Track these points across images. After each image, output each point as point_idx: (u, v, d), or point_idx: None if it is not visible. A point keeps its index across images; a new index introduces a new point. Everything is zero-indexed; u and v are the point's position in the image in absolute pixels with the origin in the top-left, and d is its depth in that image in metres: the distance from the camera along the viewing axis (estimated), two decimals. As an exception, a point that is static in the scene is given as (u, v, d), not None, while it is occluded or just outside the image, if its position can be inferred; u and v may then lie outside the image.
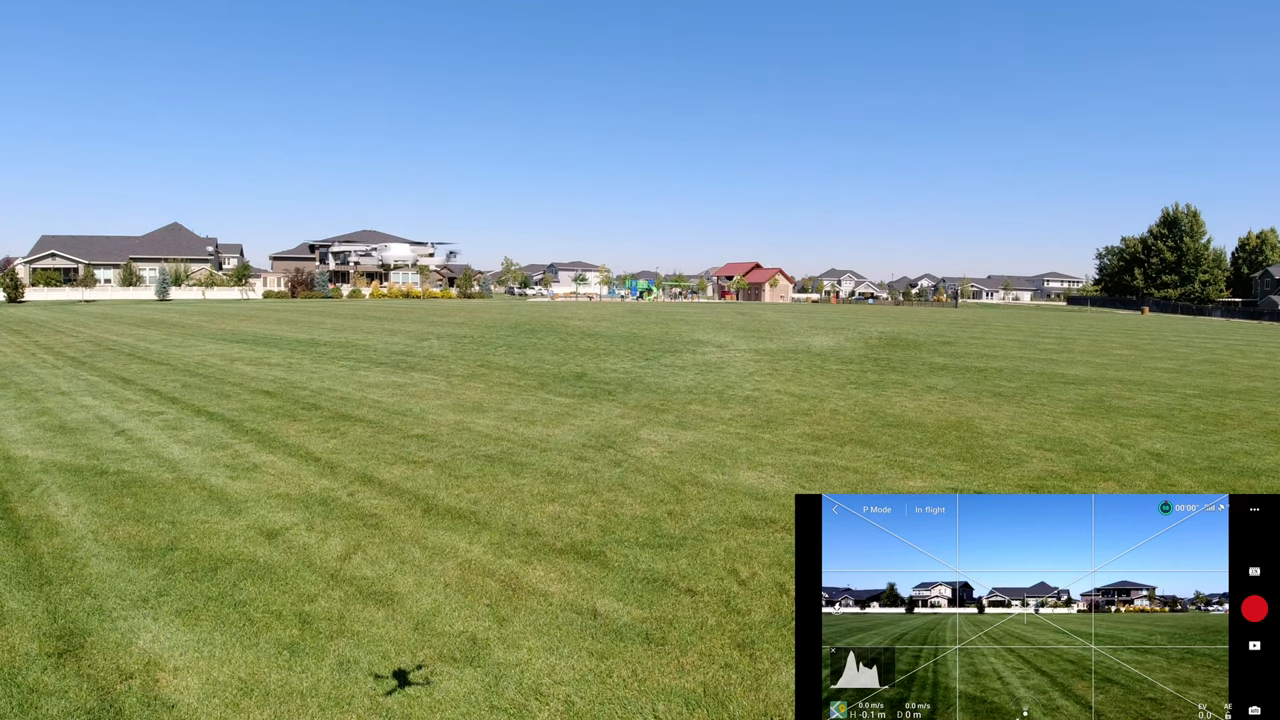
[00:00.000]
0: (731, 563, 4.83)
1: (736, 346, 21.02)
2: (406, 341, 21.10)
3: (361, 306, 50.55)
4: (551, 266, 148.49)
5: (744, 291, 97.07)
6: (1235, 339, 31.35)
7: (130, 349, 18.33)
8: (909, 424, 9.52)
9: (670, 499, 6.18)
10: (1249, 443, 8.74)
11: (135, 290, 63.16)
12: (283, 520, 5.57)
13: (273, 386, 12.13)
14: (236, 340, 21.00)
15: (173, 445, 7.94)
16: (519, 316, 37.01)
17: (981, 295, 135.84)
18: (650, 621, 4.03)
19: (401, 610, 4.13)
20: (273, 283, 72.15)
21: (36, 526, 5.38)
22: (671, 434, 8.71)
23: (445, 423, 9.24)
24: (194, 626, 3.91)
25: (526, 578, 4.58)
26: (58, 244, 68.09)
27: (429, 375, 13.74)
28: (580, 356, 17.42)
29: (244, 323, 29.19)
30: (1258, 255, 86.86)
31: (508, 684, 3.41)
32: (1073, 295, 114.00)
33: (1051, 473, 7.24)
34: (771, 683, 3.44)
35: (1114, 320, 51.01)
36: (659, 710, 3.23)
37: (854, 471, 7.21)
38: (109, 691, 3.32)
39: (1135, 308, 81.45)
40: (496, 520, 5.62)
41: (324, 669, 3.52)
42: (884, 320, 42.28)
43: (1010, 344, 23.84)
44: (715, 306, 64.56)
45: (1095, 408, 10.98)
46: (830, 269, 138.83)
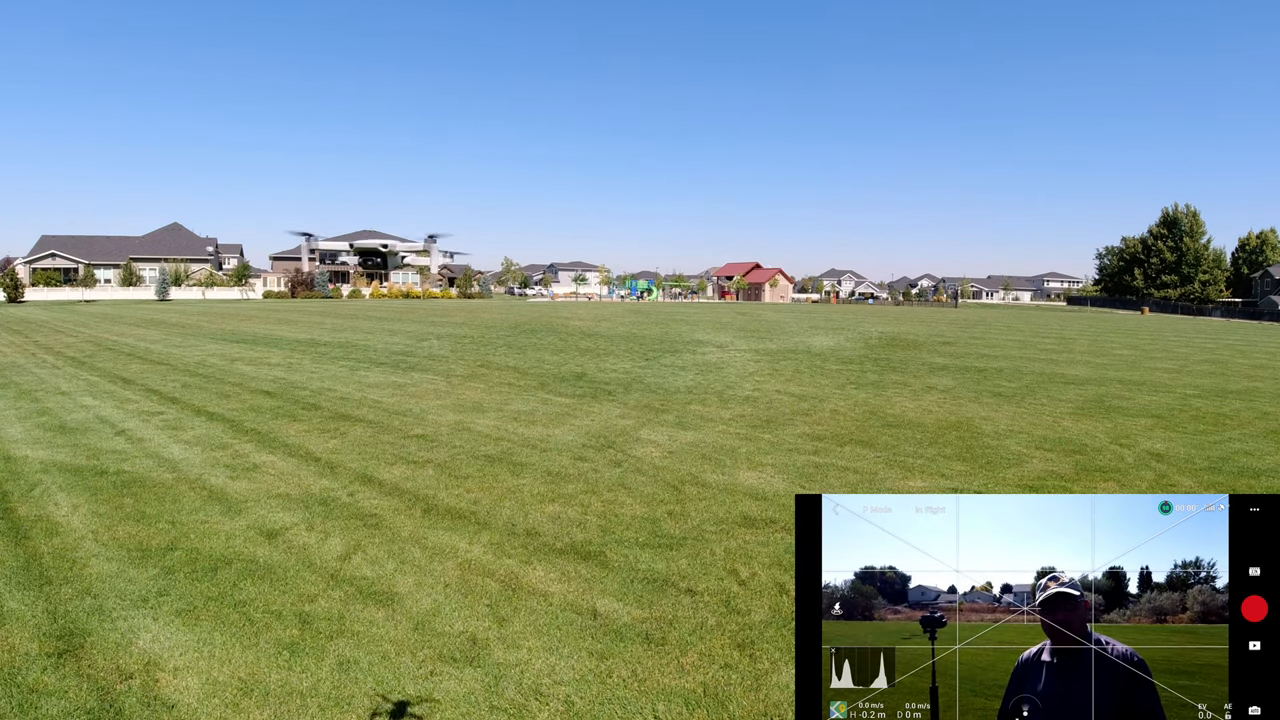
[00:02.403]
0: (731, 563, 4.83)
1: (736, 346, 21.02)
2: (406, 341, 21.09)
3: (361, 307, 50.55)
4: (551, 266, 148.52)
5: (744, 292, 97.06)
6: (1235, 339, 31.35)
7: (130, 349, 18.33)
8: (909, 424, 9.52)
9: (670, 499, 6.18)
10: (1249, 443, 8.74)
11: (135, 290, 63.16)
12: (283, 520, 5.57)
13: (273, 386, 12.13)
14: (236, 340, 21.00)
15: (173, 445, 7.94)
16: (519, 316, 37.01)
17: (981, 295, 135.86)
18: (650, 621, 4.03)
19: (401, 610, 4.12)
20: (272, 283, 72.14)
21: (36, 526, 5.38)
22: (671, 434, 8.71)
23: (445, 423, 9.24)
24: (194, 626, 3.91)
25: (526, 578, 4.58)
26: (58, 244, 68.09)
27: (429, 375, 13.74)
28: (580, 356, 17.42)
29: (244, 323, 29.19)
30: (1258, 255, 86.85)
31: (508, 684, 3.41)
32: (1073, 295, 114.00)
33: (1051, 473, 7.24)
34: (771, 683, 3.44)
35: (1114, 320, 51.01)
36: (659, 710, 3.23)
37: (854, 471, 7.21)
38: (109, 691, 3.32)
39: (1135, 308, 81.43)
40: (496, 520, 5.62)
41: (324, 669, 3.52)
42: (884, 320, 42.28)
43: (1010, 344, 23.84)
44: (715, 307, 64.56)
45: (1095, 408, 10.98)
46: (830, 269, 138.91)
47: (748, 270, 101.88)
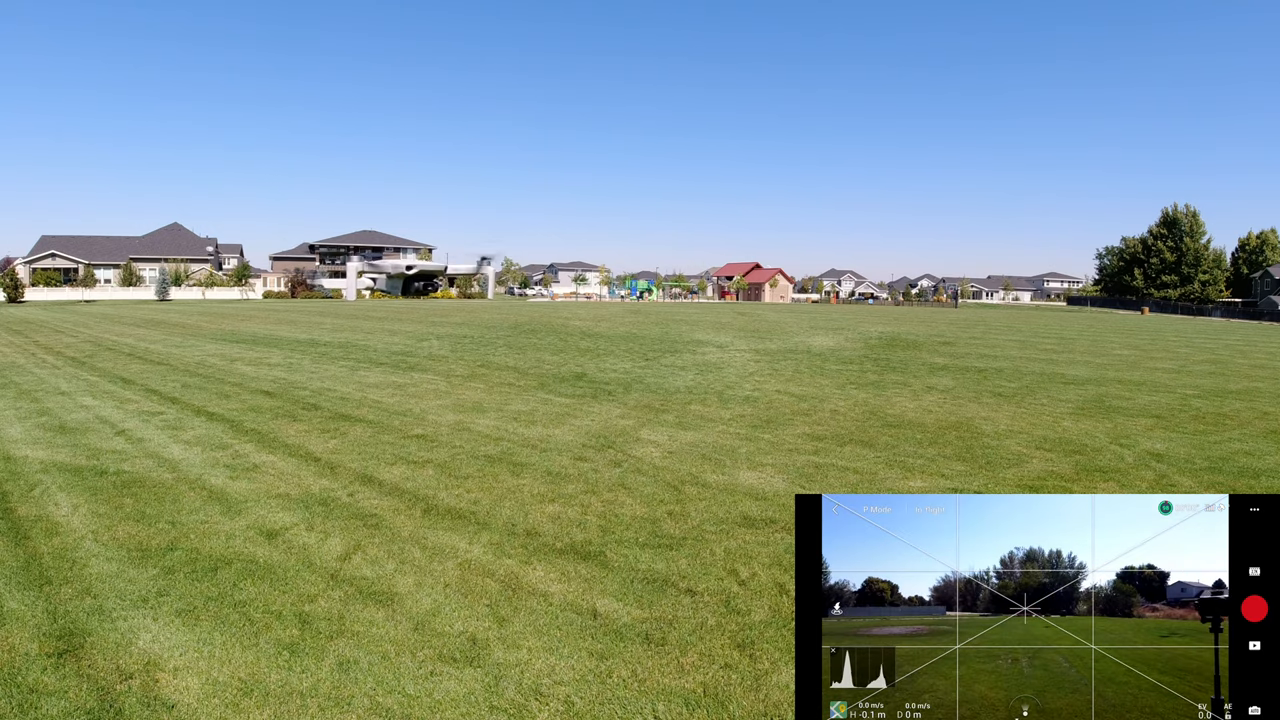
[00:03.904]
0: (731, 563, 4.83)
1: (736, 347, 21.02)
2: (406, 342, 21.10)
3: (361, 307, 50.55)
4: (551, 266, 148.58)
5: (744, 292, 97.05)
6: (1235, 339, 31.36)
7: (130, 349, 18.33)
8: (909, 424, 9.52)
9: (670, 499, 6.18)
10: (1249, 443, 8.74)
11: (135, 290, 63.18)
12: (283, 520, 5.57)
13: (273, 387, 12.13)
14: (236, 340, 21.00)
15: (173, 445, 7.94)
16: (519, 317, 37.01)
17: (981, 295, 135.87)
18: (650, 622, 4.03)
19: (401, 610, 4.12)
20: (272, 283, 72.17)
21: (36, 526, 5.38)
22: (671, 434, 8.71)
23: (445, 423, 9.24)
24: (194, 626, 3.91)
25: (526, 578, 4.58)
26: (58, 244, 68.12)
27: (429, 375, 13.74)
28: (580, 357, 17.42)
29: (244, 323, 29.20)
30: (1258, 255, 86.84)
31: (508, 684, 3.41)
32: (1073, 295, 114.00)
33: (1051, 473, 7.24)
34: (771, 683, 3.44)
35: (1114, 320, 51.01)
36: (659, 710, 3.23)
37: (854, 472, 7.21)
38: (109, 691, 3.31)
39: (1135, 308, 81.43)
40: (496, 520, 5.62)
41: (324, 669, 3.52)
42: (884, 320, 42.28)
43: (1010, 344, 23.84)
44: (715, 307, 64.56)
45: (1095, 408, 10.98)
46: (830, 269, 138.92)
47: (748, 270, 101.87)
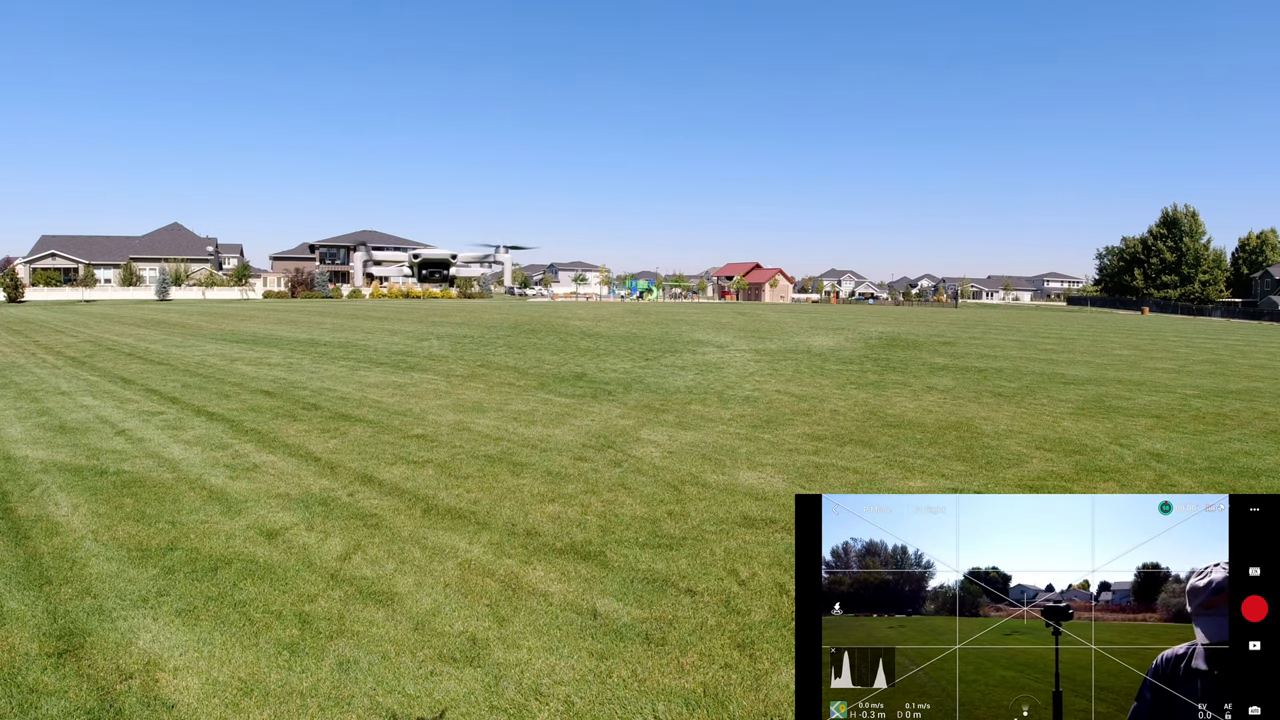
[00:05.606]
0: (731, 563, 4.83)
1: (736, 347, 21.02)
2: (406, 342, 21.10)
3: (361, 307, 50.55)
4: (551, 266, 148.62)
5: (744, 292, 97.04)
6: (1235, 339, 31.36)
7: (130, 349, 18.33)
8: (909, 424, 9.52)
9: (670, 499, 6.18)
10: (1249, 443, 8.74)
11: (135, 290, 63.17)
12: (283, 520, 5.57)
13: (273, 386, 12.13)
14: (236, 340, 21.00)
15: (173, 445, 7.94)
16: (519, 317, 37.01)
17: (981, 295, 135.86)
18: (650, 621, 4.03)
19: (401, 610, 4.13)
20: (273, 283, 72.17)
21: (36, 526, 5.38)
22: (671, 434, 8.71)
23: (445, 423, 9.24)
24: (194, 626, 3.91)
25: (526, 578, 4.58)
26: (58, 244, 68.14)
27: (429, 375, 13.74)
28: (580, 356, 17.42)
29: (244, 323, 29.20)
30: (1258, 255, 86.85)
31: (508, 684, 3.41)
32: (1073, 295, 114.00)
33: (1051, 473, 7.24)
34: (771, 683, 3.44)
35: (1114, 320, 51.01)
36: (659, 710, 3.23)
37: (854, 471, 7.21)
38: (109, 691, 3.31)
39: (1135, 308, 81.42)
40: (496, 520, 5.62)
41: (324, 669, 3.52)
42: (884, 320, 42.28)
43: (1010, 344, 23.84)
44: (715, 307, 64.56)
45: (1095, 408, 10.98)
46: (830, 269, 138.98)
47: (748, 270, 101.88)
